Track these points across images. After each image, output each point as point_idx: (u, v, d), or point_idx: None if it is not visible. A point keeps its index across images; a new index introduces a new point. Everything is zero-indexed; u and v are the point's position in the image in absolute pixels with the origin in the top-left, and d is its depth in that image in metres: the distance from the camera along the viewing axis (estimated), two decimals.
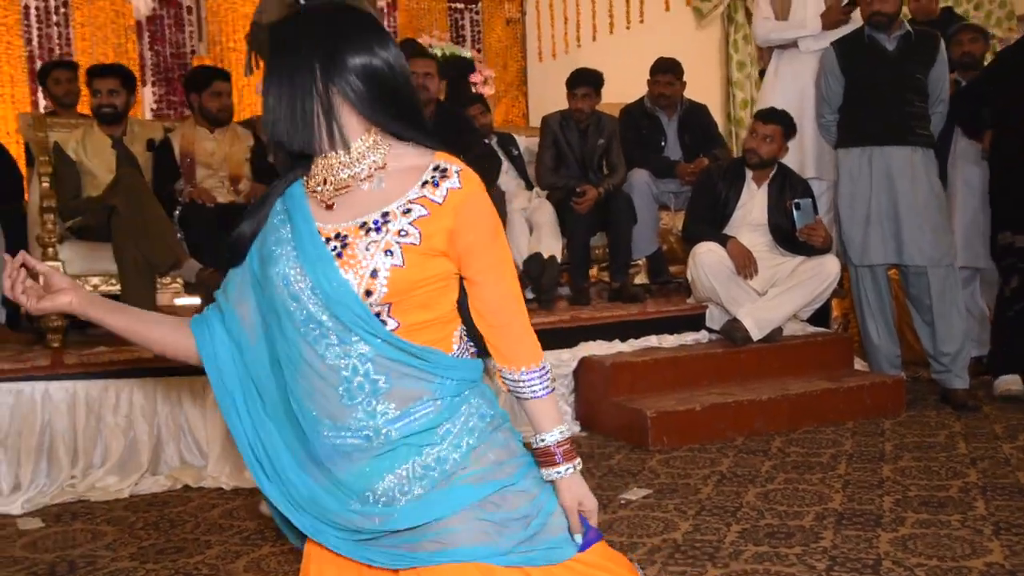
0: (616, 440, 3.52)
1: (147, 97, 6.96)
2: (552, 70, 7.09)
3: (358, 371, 1.26)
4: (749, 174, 4.11)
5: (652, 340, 3.99)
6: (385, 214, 1.27)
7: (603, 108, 4.92)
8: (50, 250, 3.66)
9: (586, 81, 4.76)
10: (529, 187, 5.00)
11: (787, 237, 4.02)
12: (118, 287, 3.71)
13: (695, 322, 4.12)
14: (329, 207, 1.29)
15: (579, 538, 1.32)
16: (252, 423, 1.35)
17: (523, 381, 1.34)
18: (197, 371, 3.27)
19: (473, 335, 1.37)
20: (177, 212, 3.88)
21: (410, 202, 1.27)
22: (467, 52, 7.16)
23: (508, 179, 5.04)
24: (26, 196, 4.50)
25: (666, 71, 5.01)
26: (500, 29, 7.92)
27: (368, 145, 1.29)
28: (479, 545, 1.28)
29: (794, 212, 3.90)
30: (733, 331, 3.90)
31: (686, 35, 7.66)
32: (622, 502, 2.80)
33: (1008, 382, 3.87)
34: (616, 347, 3.90)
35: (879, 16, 3.85)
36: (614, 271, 4.63)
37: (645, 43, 6.83)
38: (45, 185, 3.80)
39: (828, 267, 3.92)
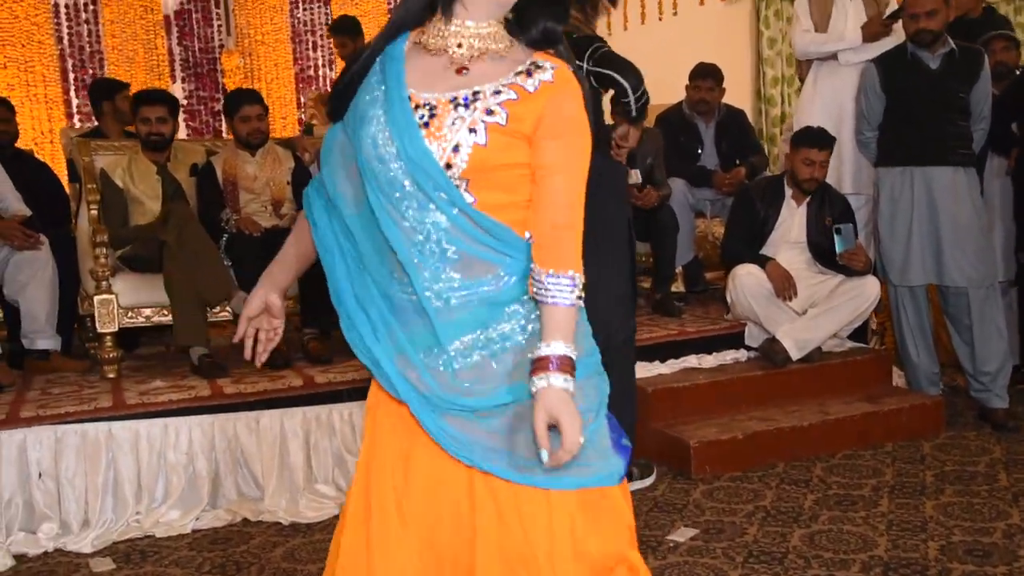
0: (658, 466, 3.60)
1: (177, 93, 6.98)
2: None
3: (431, 237, 1.33)
4: (788, 192, 4.12)
5: (692, 360, 4.05)
6: (476, 92, 1.33)
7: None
8: (103, 283, 3.74)
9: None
10: None
11: (826, 255, 4.04)
12: (170, 318, 3.81)
13: (734, 340, 4.17)
14: (461, 72, 1.35)
15: (544, 454, 1.29)
16: (350, 279, 1.43)
17: (553, 284, 1.32)
18: (251, 405, 3.36)
19: None
20: (223, 240, 3.95)
21: (502, 85, 1.34)
22: None
23: None
24: (72, 218, 4.59)
25: (706, 76, 5.00)
26: None
27: (497, 28, 1.37)
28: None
29: (835, 236, 3.92)
30: (772, 352, 3.95)
31: (716, 11, 7.53)
32: (671, 544, 2.89)
33: None
34: (656, 368, 3.95)
35: (925, 33, 3.82)
36: (658, 283, 4.67)
37: (677, 28, 6.79)
38: (94, 213, 3.89)
39: (868, 289, 3.95)
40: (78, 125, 6.61)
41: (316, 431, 3.45)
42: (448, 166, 1.31)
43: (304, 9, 7.29)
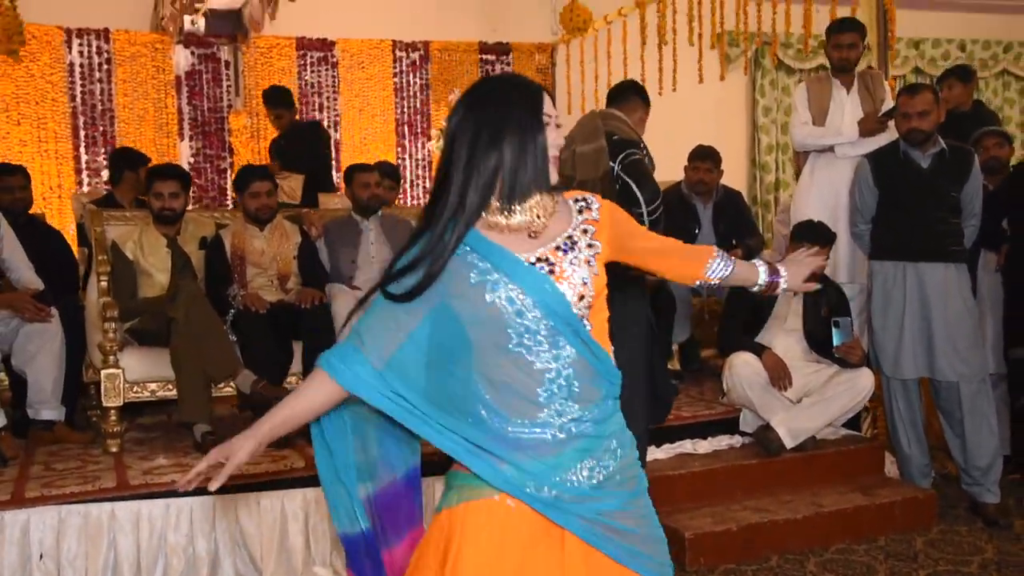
0: None
1: (184, 151, 7.10)
2: None
3: (560, 374, 1.59)
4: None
5: (687, 445, 4.10)
6: (569, 237, 1.64)
7: None
8: (111, 358, 3.80)
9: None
10: None
11: (821, 344, 4.12)
12: (175, 393, 3.86)
13: (729, 425, 4.23)
14: (533, 235, 1.62)
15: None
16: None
17: (719, 266, 1.82)
18: (252, 487, 3.39)
19: None
20: (230, 316, 4.02)
21: (580, 224, 1.66)
22: None
23: None
24: (81, 283, 4.65)
25: (705, 158, 5.12)
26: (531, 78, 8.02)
27: (540, 195, 1.63)
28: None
29: (833, 329, 4.00)
30: (767, 439, 4.01)
31: (714, 82, 7.68)
32: None
33: None
34: (652, 453, 4.01)
35: (916, 133, 3.93)
36: None
37: (676, 103, 6.91)
38: (104, 285, 3.96)
39: (862, 381, 4.03)
40: (87, 183, 6.72)
41: (315, 513, 3.49)
42: (580, 297, 1.59)
43: (312, 72, 7.44)
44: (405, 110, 7.74)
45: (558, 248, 1.62)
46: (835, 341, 4.00)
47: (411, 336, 1.61)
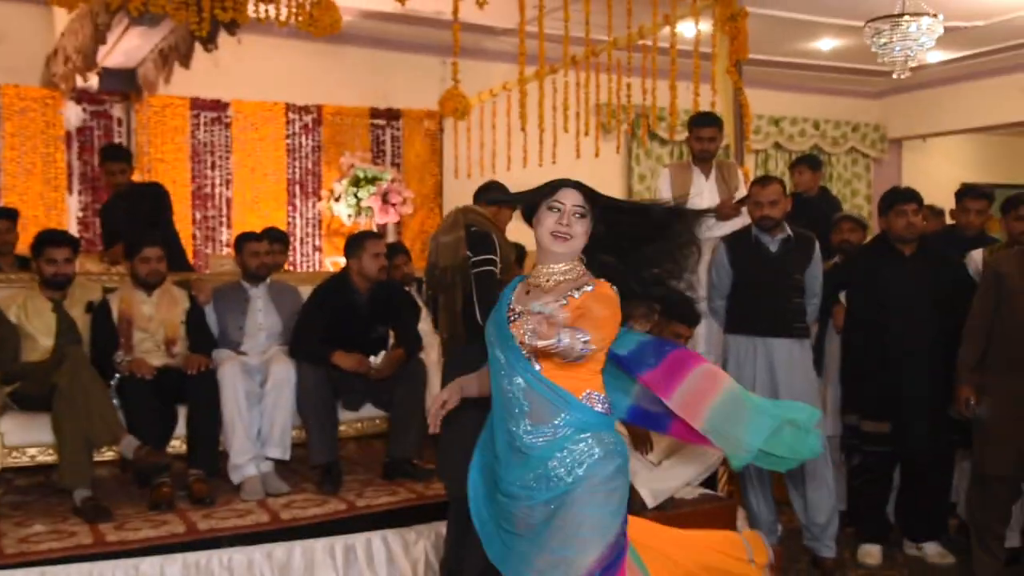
0: None
1: (72, 205, 7.07)
2: (469, 188, 7.46)
3: (517, 396, 2.17)
4: None
5: None
6: (546, 304, 2.10)
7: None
8: None
9: None
10: None
11: None
12: (54, 457, 3.89)
13: None
14: (528, 291, 2.26)
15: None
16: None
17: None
18: (132, 552, 3.42)
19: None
20: (115, 381, 4.09)
21: (563, 296, 2.17)
22: (388, 173, 7.53)
23: (425, 325, 5.32)
24: None
25: None
26: (419, 144, 8.33)
27: (571, 265, 2.26)
28: None
29: None
30: (630, 500, 4.29)
31: (591, 151, 8.11)
32: None
33: (867, 552, 4.39)
34: None
35: (767, 220, 4.35)
36: None
37: (555, 173, 7.29)
38: None
39: None
40: None
41: None
42: (521, 343, 2.11)
43: (205, 131, 7.54)
44: (297, 170, 7.91)
45: (534, 307, 2.09)
46: None
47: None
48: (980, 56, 8.75)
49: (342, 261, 7.49)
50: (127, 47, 6.31)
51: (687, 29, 5.84)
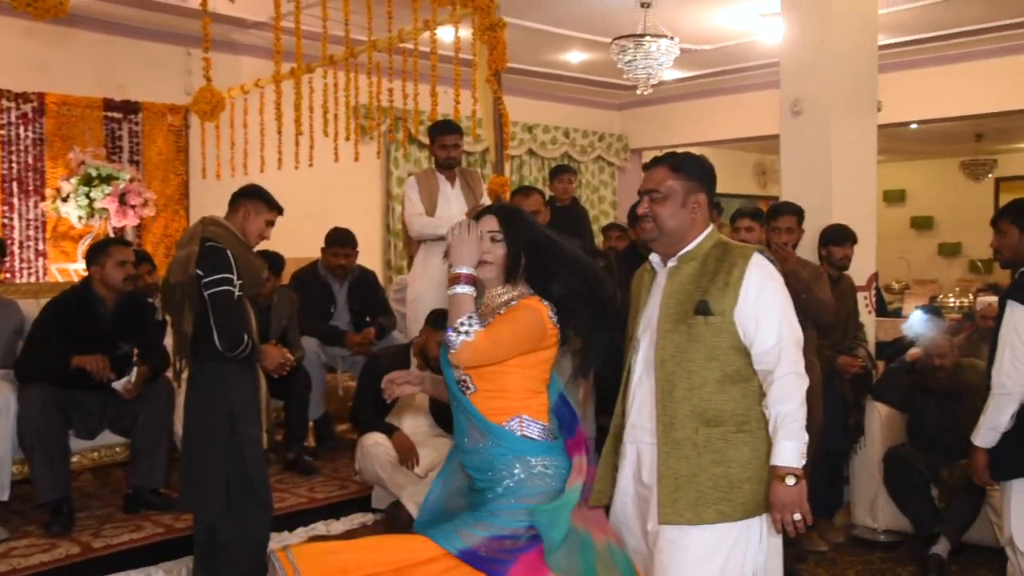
0: None
1: None
2: (218, 189, 6.97)
3: (459, 417, 2.29)
4: (415, 361, 4.47)
5: (320, 527, 4.17)
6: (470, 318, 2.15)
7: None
8: None
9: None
10: None
11: (446, 420, 4.41)
12: None
13: (362, 503, 4.37)
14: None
15: None
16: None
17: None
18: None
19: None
20: None
21: (493, 315, 2.20)
22: (125, 172, 6.89)
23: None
24: None
25: (344, 243, 5.29)
26: (162, 140, 7.71)
27: (505, 288, 2.28)
28: None
29: None
30: (397, 515, 4.20)
31: (350, 154, 7.92)
32: None
33: None
34: (285, 538, 4.01)
35: None
36: (291, 441, 4.77)
37: (311, 176, 7.02)
38: None
39: None
40: None
41: None
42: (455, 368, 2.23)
43: None
44: (15, 165, 7.03)
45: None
46: None
47: None
48: (708, 76, 9.50)
49: (71, 268, 6.89)
50: None
51: (448, 34, 5.81)
